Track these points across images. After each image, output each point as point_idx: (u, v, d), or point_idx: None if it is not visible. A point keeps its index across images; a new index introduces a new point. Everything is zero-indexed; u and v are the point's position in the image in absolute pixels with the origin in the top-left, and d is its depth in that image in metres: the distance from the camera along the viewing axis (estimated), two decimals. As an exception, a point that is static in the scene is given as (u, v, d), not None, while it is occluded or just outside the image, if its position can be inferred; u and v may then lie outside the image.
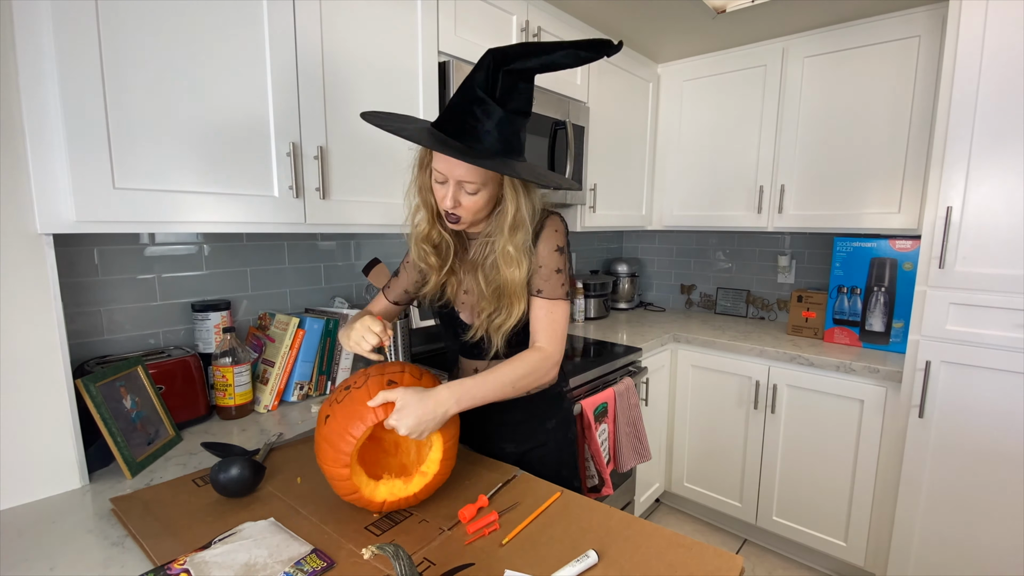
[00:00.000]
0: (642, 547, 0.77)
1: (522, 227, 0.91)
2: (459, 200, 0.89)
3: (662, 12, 1.90)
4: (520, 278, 0.93)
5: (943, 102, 1.56)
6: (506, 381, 0.91)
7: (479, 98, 0.82)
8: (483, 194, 0.89)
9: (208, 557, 0.70)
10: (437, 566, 0.73)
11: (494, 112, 0.82)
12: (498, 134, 0.83)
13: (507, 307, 0.95)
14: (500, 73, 0.81)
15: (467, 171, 0.86)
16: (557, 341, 0.97)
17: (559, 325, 0.97)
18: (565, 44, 0.80)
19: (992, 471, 1.56)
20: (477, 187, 0.88)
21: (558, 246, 0.96)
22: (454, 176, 0.87)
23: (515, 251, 0.91)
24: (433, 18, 1.43)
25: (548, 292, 0.96)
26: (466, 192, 0.89)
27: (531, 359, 0.94)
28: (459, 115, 0.84)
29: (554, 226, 0.97)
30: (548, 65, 0.81)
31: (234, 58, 1.05)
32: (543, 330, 0.96)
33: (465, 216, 0.92)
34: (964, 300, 1.56)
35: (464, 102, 0.83)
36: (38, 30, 0.82)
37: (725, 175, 2.34)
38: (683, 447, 2.33)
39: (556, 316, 0.97)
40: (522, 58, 0.80)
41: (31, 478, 0.90)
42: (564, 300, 0.97)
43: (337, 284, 1.70)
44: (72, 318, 1.15)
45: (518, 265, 0.92)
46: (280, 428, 1.22)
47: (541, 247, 0.95)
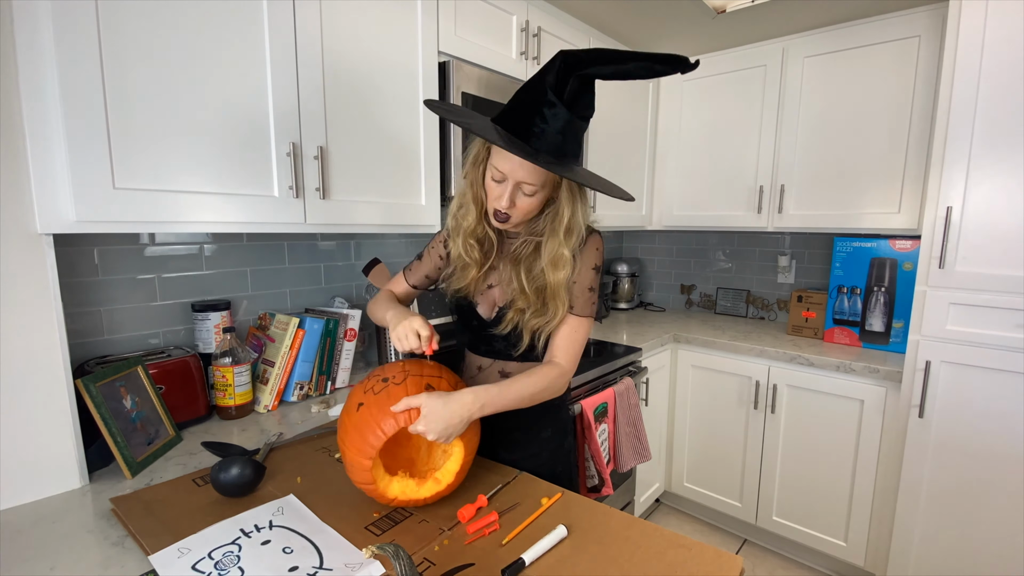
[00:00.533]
0: (642, 547, 0.77)
1: (576, 232, 0.92)
2: (515, 201, 0.89)
3: (662, 12, 1.90)
4: (563, 280, 0.93)
5: (943, 102, 1.56)
6: (525, 394, 0.92)
7: (549, 100, 0.80)
8: (539, 196, 0.89)
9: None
10: (437, 566, 0.73)
11: (561, 115, 0.81)
12: (562, 138, 0.82)
13: (551, 309, 0.95)
14: (571, 77, 0.80)
15: (529, 173, 0.85)
16: (573, 359, 0.98)
17: (579, 344, 0.98)
18: (640, 56, 0.79)
19: (992, 471, 1.57)
20: (535, 189, 0.88)
21: (595, 265, 0.97)
22: (515, 177, 0.86)
23: (569, 254, 0.93)
24: (433, 18, 1.43)
25: (579, 309, 0.97)
26: (523, 193, 0.89)
27: (550, 375, 0.95)
28: (525, 114, 0.82)
29: (595, 244, 0.98)
30: (620, 74, 0.80)
31: (234, 58, 1.05)
32: (563, 346, 0.97)
33: (516, 217, 0.91)
34: (964, 300, 1.56)
35: (532, 102, 0.82)
36: (38, 30, 0.82)
37: (725, 175, 2.34)
38: (683, 447, 2.33)
39: (579, 335, 0.98)
40: (596, 64, 0.79)
41: (31, 478, 0.90)
42: (590, 319, 0.99)
43: (337, 284, 1.70)
44: (72, 318, 1.15)
45: (567, 268, 0.93)
46: (280, 428, 1.22)
47: (580, 262, 0.96)
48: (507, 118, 0.85)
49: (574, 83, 0.80)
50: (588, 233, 0.97)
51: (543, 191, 0.89)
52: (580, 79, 0.80)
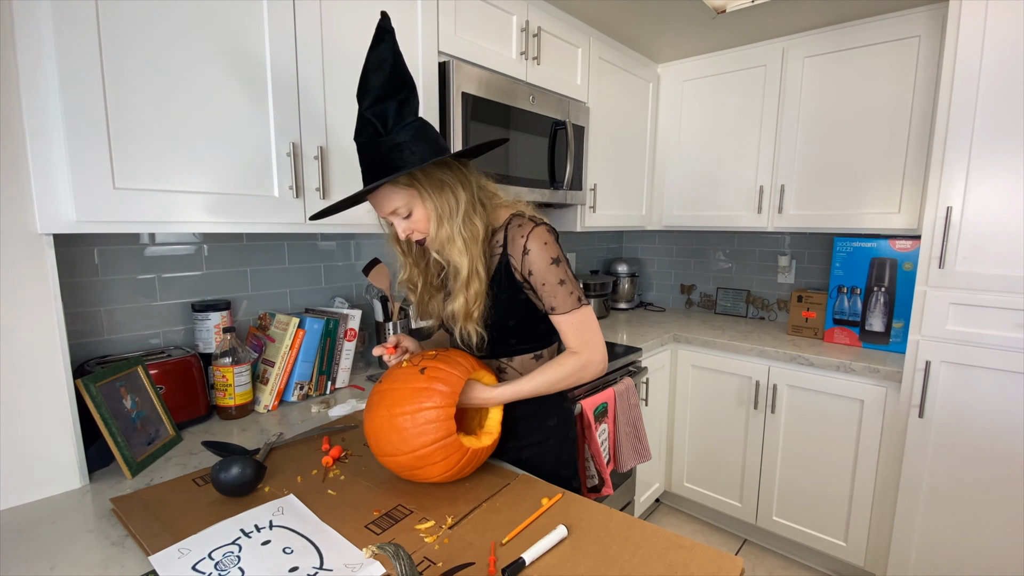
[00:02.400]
0: (642, 548, 0.77)
1: (440, 225, 0.93)
2: (409, 227, 0.95)
3: (662, 12, 1.90)
4: (466, 264, 0.93)
5: (943, 102, 1.56)
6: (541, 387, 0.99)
7: (365, 145, 0.90)
8: (417, 211, 0.93)
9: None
10: (437, 566, 0.73)
11: (381, 144, 0.88)
12: (400, 155, 0.88)
13: (462, 291, 0.96)
14: (367, 113, 0.88)
15: (383, 203, 0.93)
16: (590, 343, 0.99)
17: (587, 329, 0.99)
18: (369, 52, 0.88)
19: (992, 471, 1.57)
20: (406, 209, 0.93)
21: (552, 258, 0.96)
22: (384, 213, 0.95)
23: (442, 247, 0.94)
24: (433, 18, 1.43)
25: (560, 307, 0.97)
26: (402, 218, 0.94)
27: (568, 365, 0.99)
28: (366, 165, 0.91)
29: (542, 238, 0.96)
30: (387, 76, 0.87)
31: (235, 58, 1.05)
32: (573, 340, 0.99)
33: (420, 237, 0.97)
34: (964, 300, 1.56)
35: (361, 155, 0.91)
36: (38, 30, 0.82)
37: (725, 175, 2.34)
38: (683, 447, 2.33)
39: (580, 324, 0.98)
40: (365, 90, 0.88)
41: (31, 478, 0.90)
42: (580, 307, 0.98)
43: (337, 284, 1.70)
44: (72, 318, 1.15)
45: (456, 254, 0.93)
46: (280, 428, 1.22)
47: (534, 265, 0.95)
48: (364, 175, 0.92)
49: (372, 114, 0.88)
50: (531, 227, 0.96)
51: (417, 204, 0.93)
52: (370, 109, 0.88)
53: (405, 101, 0.90)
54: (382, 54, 0.87)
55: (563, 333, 1.00)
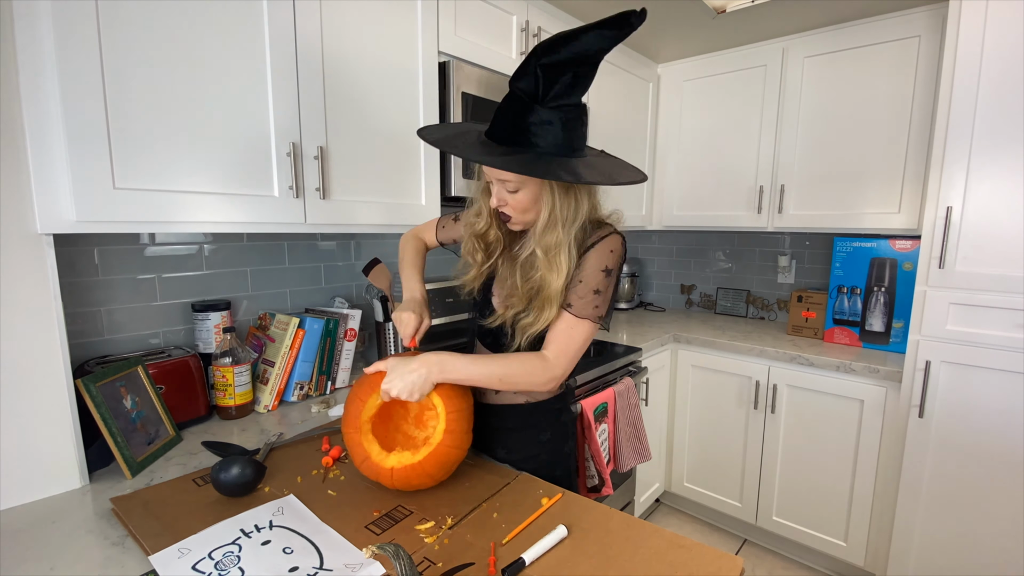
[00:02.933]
0: (642, 548, 0.77)
1: (552, 230, 0.89)
2: (504, 199, 0.91)
3: (662, 12, 1.90)
4: (556, 285, 0.89)
5: (943, 102, 1.56)
6: (495, 371, 0.91)
7: (515, 97, 0.83)
8: (524, 193, 0.89)
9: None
10: (437, 566, 0.73)
11: (532, 111, 0.82)
12: (538, 131, 0.83)
13: (537, 310, 0.92)
14: (538, 69, 0.79)
15: (500, 170, 0.87)
16: (565, 356, 0.93)
17: (574, 343, 0.93)
18: (591, 26, 0.77)
19: (992, 471, 1.57)
20: (516, 185, 0.88)
21: (606, 267, 0.91)
22: (493, 175, 0.91)
23: (544, 254, 0.90)
24: (433, 18, 1.43)
25: (577, 309, 0.92)
26: (507, 191, 0.90)
27: (529, 361, 0.92)
28: (500, 117, 0.86)
29: (610, 246, 0.92)
30: (580, 55, 0.78)
31: (234, 58, 1.05)
32: (556, 342, 0.93)
33: (513, 215, 0.93)
34: (964, 300, 1.56)
35: (504, 103, 0.86)
36: (38, 30, 0.82)
37: (725, 175, 2.34)
38: (683, 447, 2.33)
39: (575, 334, 0.92)
40: (553, 50, 0.78)
41: (31, 478, 0.90)
42: (591, 322, 0.92)
43: (337, 284, 1.70)
44: (72, 318, 1.15)
45: (550, 269, 0.89)
46: (280, 428, 1.22)
47: (590, 261, 0.91)
48: (492, 125, 0.89)
49: (544, 75, 0.80)
50: (606, 233, 0.93)
51: (526, 188, 0.89)
52: (546, 69, 0.79)
53: (582, 77, 0.82)
54: (599, 41, 0.78)
55: (554, 330, 0.93)
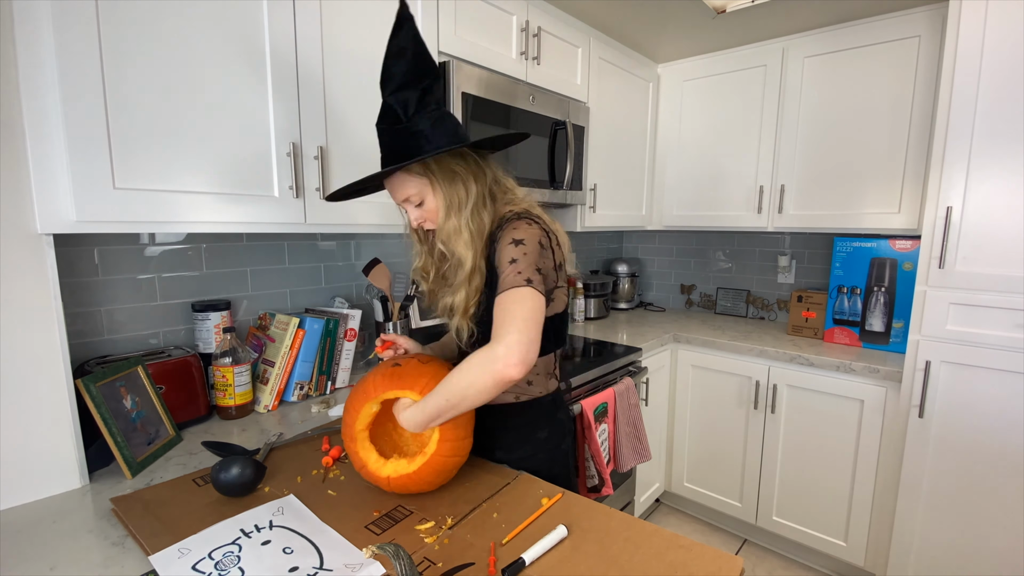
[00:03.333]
0: (642, 548, 0.77)
1: (448, 217, 0.92)
2: (419, 216, 0.96)
3: (662, 12, 1.90)
4: (469, 256, 0.92)
5: (943, 102, 1.56)
6: (455, 391, 0.84)
7: (383, 130, 0.92)
8: (429, 200, 0.94)
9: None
10: (437, 566, 0.73)
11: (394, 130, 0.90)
12: (416, 142, 0.89)
13: (464, 285, 0.94)
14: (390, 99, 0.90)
15: (397, 190, 0.95)
16: (504, 326, 0.83)
17: (511, 314, 0.83)
18: (389, 42, 0.89)
19: (992, 471, 1.57)
20: (418, 197, 0.94)
21: (513, 239, 0.89)
22: (397, 200, 0.96)
23: (445, 240, 0.94)
24: (433, 18, 1.43)
25: (501, 286, 0.87)
26: (414, 206, 0.95)
27: (473, 360, 0.84)
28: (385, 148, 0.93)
29: (512, 225, 0.92)
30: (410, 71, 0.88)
31: (234, 58, 1.05)
32: (496, 326, 0.85)
33: (432, 227, 0.97)
34: (964, 300, 1.56)
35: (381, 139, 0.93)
36: (38, 30, 0.82)
37: (725, 175, 2.34)
38: (683, 447, 2.33)
39: (508, 305, 0.84)
40: (388, 78, 0.90)
41: (31, 478, 0.90)
42: (518, 288, 0.85)
43: (337, 284, 1.70)
44: (72, 318, 1.15)
45: (461, 246, 0.92)
46: (280, 428, 1.22)
47: (500, 245, 0.91)
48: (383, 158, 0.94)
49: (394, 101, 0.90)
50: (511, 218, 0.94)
51: (428, 193, 0.93)
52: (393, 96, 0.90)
53: (428, 89, 0.90)
54: (402, 42, 0.87)
55: (494, 316, 0.86)
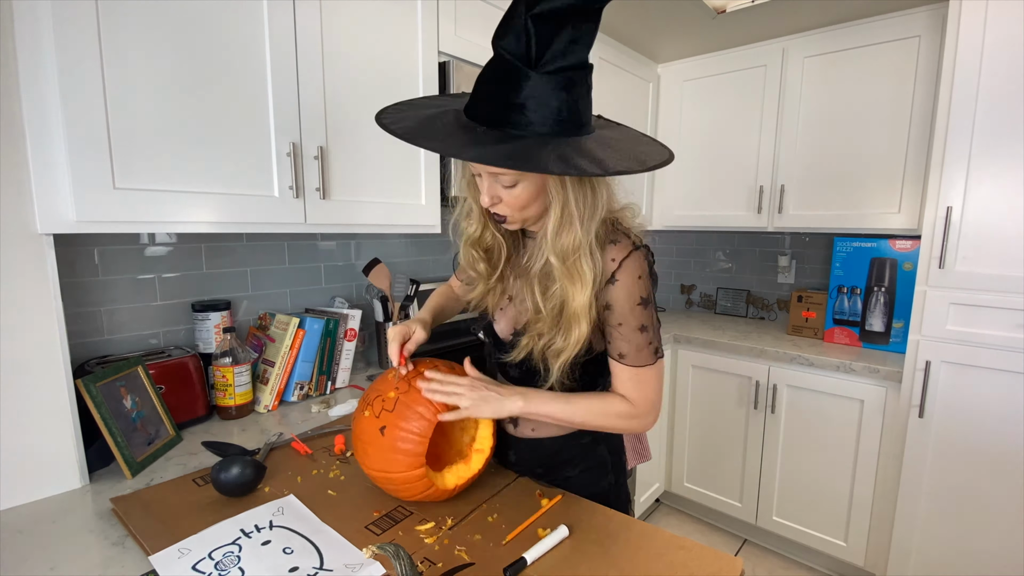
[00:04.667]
0: (642, 549, 0.77)
1: (568, 229, 0.73)
2: (498, 195, 0.74)
3: (662, 12, 1.90)
4: (581, 299, 0.74)
5: (943, 102, 1.56)
6: (576, 417, 0.81)
7: (502, 62, 0.64)
8: (524, 187, 0.73)
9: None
10: (437, 566, 0.73)
11: (525, 78, 0.63)
12: (536, 107, 0.65)
13: (564, 332, 0.77)
14: (528, 22, 0.61)
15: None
16: (647, 401, 0.81)
17: (651, 387, 0.80)
18: None
19: (992, 471, 1.57)
20: (513, 179, 0.72)
21: (641, 298, 0.77)
22: (483, 168, 0.73)
23: (559, 260, 0.74)
24: (433, 18, 1.43)
25: (631, 358, 0.78)
26: (503, 186, 0.73)
27: (615, 407, 0.80)
28: (485, 92, 0.68)
29: (636, 271, 0.76)
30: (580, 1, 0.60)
31: (235, 58, 1.05)
32: (630, 392, 0.81)
33: (511, 214, 0.76)
34: (964, 300, 1.56)
35: (488, 72, 0.67)
36: (38, 30, 0.82)
37: (725, 175, 2.34)
38: (683, 447, 2.33)
39: (644, 379, 0.80)
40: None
41: (31, 478, 0.90)
42: (652, 365, 0.80)
43: (337, 284, 1.70)
44: (72, 318, 1.15)
45: (577, 280, 0.74)
46: (280, 428, 1.22)
47: (618, 295, 0.77)
48: (472, 100, 0.70)
49: (538, 30, 0.62)
50: (628, 250, 0.76)
51: (527, 180, 0.72)
52: (539, 20, 0.62)
53: (584, 32, 0.64)
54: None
55: (619, 381, 0.81)
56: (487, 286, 0.89)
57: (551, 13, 0.60)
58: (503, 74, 0.65)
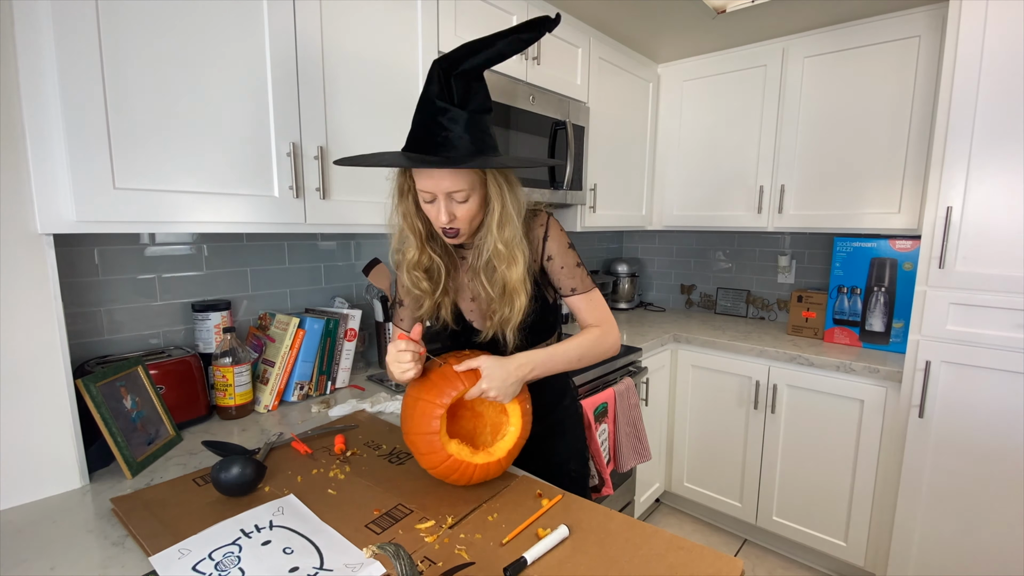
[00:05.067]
0: (642, 549, 0.77)
1: (509, 223, 0.92)
2: (453, 212, 0.89)
3: (662, 12, 1.90)
4: (518, 274, 0.93)
5: (943, 102, 1.56)
6: (572, 356, 0.98)
7: (440, 108, 0.83)
8: (474, 199, 0.89)
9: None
10: (437, 566, 0.73)
11: (459, 117, 0.83)
12: (469, 136, 0.84)
13: (508, 304, 0.96)
14: (451, 79, 0.83)
15: (453, 180, 0.85)
16: (607, 320, 1.02)
17: (602, 306, 1.03)
18: (504, 32, 0.83)
19: (992, 471, 1.57)
20: (467, 193, 0.88)
21: (569, 243, 1.01)
22: (441, 190, 0.87)
23: (505, 247, 0.92)
24: (433, 18, 1.43)
25: (580, 287, 1.01)
26: (457, 202, 0.89)
27: (591, 334, 1.00)
28: (426, 131, 0.84)
29: (557, 226, 1.01)
30: (494, 58, 0.83)
31: (235, 58, 1.05)
32: (592, 316, 1.02)
33: (463, 227, 0.92)
34: (964, 300, 1.56)
35: (427, 117, 0.84)
36: (38, 30, 0.82)
37: (725, 175, 2.34)
38: (683, 447, 2.33)
39: (596, 302, 1.02)
40: (468, 58, 0.82)
41: (31, 478, 0.90)
42: (595, 288, 1.03)
43: (337, 284, 1.70)
44: (72, 318, 1.15)
45: (512, 261, 0.93)
46: (280, 428, 1.22)
47: (553, 247, 0.99)
48: (413, 140, 0.86)
49: (457, 84, 0.83)
50: (541, 217, 1.00)
51: (476, 193, 0.89)
52: (460, 77, 0.83)
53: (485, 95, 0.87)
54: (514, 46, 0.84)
55: (580, 312, 1.02)
56: (433, 300, 1.02)
57: (471, 69, 0.83)
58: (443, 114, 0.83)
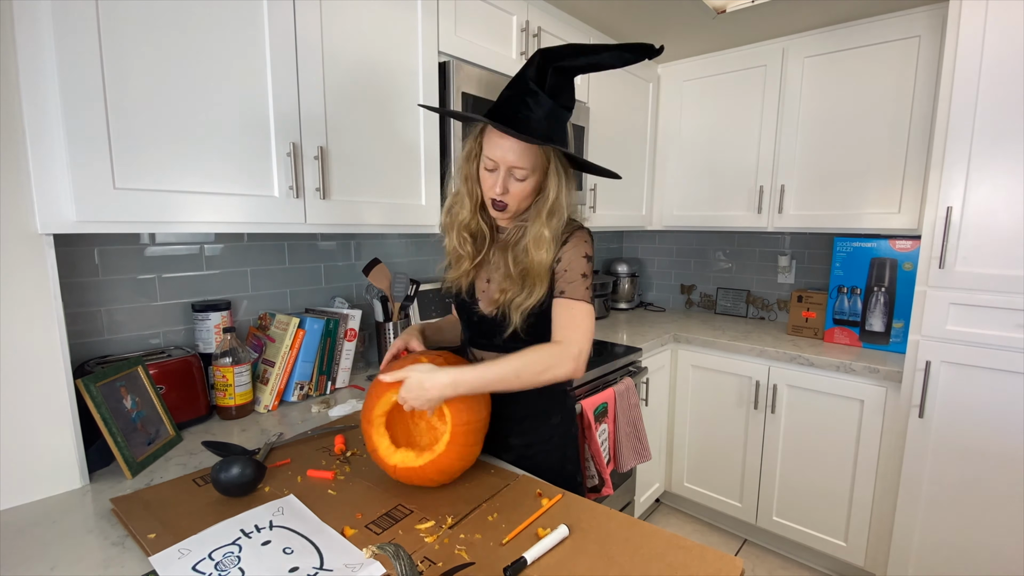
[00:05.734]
0: (642, 549, 0.77)
1: (557, 213, 0.96)
2: (508, 187, 0.94)
3: (662, 12, 1.90)
4: (547, 261, 0.96)
5: (943, 102, 1.56)
6: (508, 370, 0.90)
7: (531, 90, 0.88)
8: (530, 181, 0.94)
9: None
10: (437, 566, 0.73)
11: (544, 103, 0.88)
12: (547, 123, 0.89)
13: (529, 288, 0.98)
14: (550, 69, 0.88)
15: (518, 156, 0.91)
16: (576, 332, 0.95)
17: (579, 321, 0.95)
18: (611, 47, 0.88)
19: (992, 471, 1.57)
20: (526, 173, 0.93)
21: (586, 254, 1.00)
22: (506, 162, 0.92)
23: (549, 235, 0.96)
24: (433, 18, 1.43)
25: (570, 293, 0.98)
26: (515, 179, 0.93)
27: (541, 350, 0.93)
28: (512, 105, 0.90)
29: (584, 237, 1.01)
30: (594, 65, 0.90)
31: (235, 58, 1.05)
32: (562, 326, 0.96)
33: (512, 204, 0.96)
34: (964, 300, 1.56)
35: (517, 93, 0.90)
36: (38, 30, 0.82)
37: (725, 175, 2.34)
38: (683, 447, 2.33)
39: (576, 313, 0.96)
40: (571, 57, 0.88)
41: (31, 478, 0.90)
42: (586, 303, 0.97)
43: (337, 284, 1.70)
44: (72, 318, 1.15)
45: (547, 249, 0.96)
46: (280, 428, 1.22)
47: (569, 251, 0.99)
48: (497, 109, 0.92)
49: (553, 76, 0.89)
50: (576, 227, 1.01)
51: (534, 175, 0.94)
52: (558, 72, 0.89)
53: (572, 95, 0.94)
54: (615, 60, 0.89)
55: (556, 317, 0.97)
56: (470, 266, 1.05)
57: (571, 68, 0.90)
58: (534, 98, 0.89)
